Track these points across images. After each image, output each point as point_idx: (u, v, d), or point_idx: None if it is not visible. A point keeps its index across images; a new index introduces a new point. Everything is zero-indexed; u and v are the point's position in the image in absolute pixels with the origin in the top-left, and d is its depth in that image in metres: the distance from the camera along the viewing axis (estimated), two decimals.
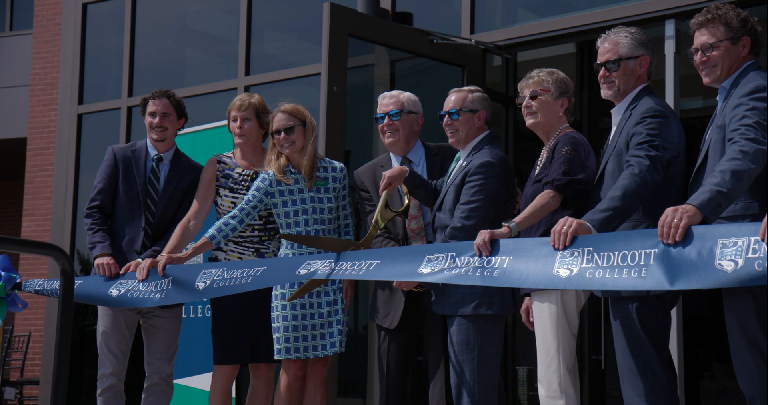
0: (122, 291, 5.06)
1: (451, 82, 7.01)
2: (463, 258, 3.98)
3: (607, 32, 4.34)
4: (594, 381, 7.59)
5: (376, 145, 6.92)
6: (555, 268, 3.71)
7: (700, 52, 3.98)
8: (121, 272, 5.19)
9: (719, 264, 3.34)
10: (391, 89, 7.03)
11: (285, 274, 4.64)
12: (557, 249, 3.73)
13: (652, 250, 3.52)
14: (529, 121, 4.55)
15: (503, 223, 4.13)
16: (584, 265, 3.66)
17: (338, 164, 5.24)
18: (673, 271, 3.44)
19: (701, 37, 3.98)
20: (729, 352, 3.80)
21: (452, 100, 4.80)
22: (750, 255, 3.29)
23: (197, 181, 5.47)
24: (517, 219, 4.16)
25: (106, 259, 5.25)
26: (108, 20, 9.52)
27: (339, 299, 5.05)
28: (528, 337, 4.67)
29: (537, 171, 4.49)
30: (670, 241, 3.48)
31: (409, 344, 5.02)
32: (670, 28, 6.36)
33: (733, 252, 3.33)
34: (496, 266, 3.89)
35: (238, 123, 5.36)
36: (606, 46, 4.28)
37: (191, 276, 4.83)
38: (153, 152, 5.54)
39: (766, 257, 3.22)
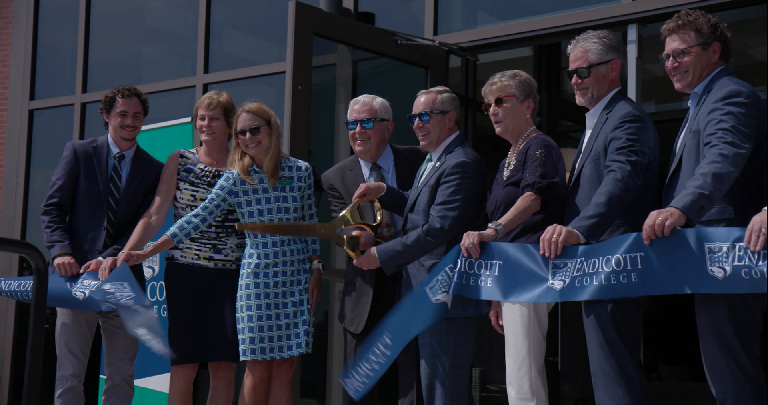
0: (87, 293, 4.99)
1: (414, 83, 7.00)
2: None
3: (576, 38, 4.35)
4: (550, 383, 7.62)
5: (338, 145, 6.90)
6: (550, 281, 3.77)
7: (671, 58, 4.01)
8: (81, 271, 5.11)
9: (711, 270, 3.39)
10: (354, 89, 7.03)
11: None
12: (548, 258, 3.76)
13: (638, 254, 3.56)
14: (497, 130, 4.55)
15: (489, 225, 4.13)
16: (575, 274, 3.71)
17: (303, 163, 5.21)
18: (664, 276, 3.48)
19: (672, 43, 4.01)
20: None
21: (422, 101, 4.76)
22: (736, 262, 3.34)
23: (159, 179, 5.40)
24: (502, 221, 4.17)
25: (66, 259, 5.16)
26: (62, 14, 9.37)
27: (305, 300, 5.02)
28: (480, 338, 4.68)
29: (506, 174, 4.49)
30: (653, 237, 3.54)
31: None
32: (632, 33, 6.41)
33: (720, 258, 3.37)
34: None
35: (206, 122, 5.31)
36: (576, 53, 4.30)
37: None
38: (115, 150, 5.44)
39: (752, 265, 3.27)
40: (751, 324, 3.72)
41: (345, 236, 4.69)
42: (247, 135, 5.03)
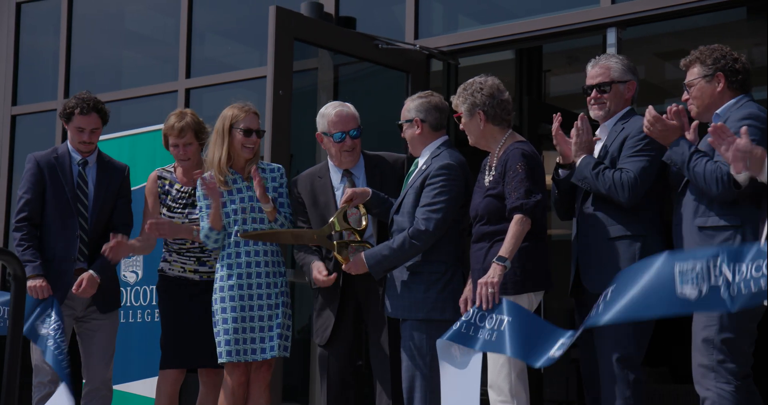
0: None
1: (395, 87, 7.03)
2: None
3: (597, 57, 4.58)
4: (533, 385, 7.63)
5: (319, 150, 6.89)
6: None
7: (685, 91, 4.28)
8: (73, 290, 5.16)
9: (681, 292, 3.35)
10: (335, 93, 7.04)
11: None
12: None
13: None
14: (469, 141, 4.65)
15: (496, 262, 4.20)
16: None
17: (276, 165, 5.25)
18: (638, 304, 3.53)
19: (688, 77, 4.27)
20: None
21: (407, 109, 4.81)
22: (713, 283, 3.28)
23: (126, 182, 5.48)
24: (505, 254, 4.22)
25: (38, 282, 5.15)
26: (43, 20, 9.35)
27: (281, 303, 5.01)
28: None
29: (487, 180, 4.49)
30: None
31: (349, 354, 5.00)
32: (611, 37, 6.44)
33: (692, 278, 3.34)
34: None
35: (180, 150, 5.31)
36: (597, 70, 4.52)
37: None
38: (77, 157, 5.43)
39: (729, 286, 3.28)
40: (739, 331, 3.89)
41: (335, 242, 4.75)
42: (253, 135, 5.05)
